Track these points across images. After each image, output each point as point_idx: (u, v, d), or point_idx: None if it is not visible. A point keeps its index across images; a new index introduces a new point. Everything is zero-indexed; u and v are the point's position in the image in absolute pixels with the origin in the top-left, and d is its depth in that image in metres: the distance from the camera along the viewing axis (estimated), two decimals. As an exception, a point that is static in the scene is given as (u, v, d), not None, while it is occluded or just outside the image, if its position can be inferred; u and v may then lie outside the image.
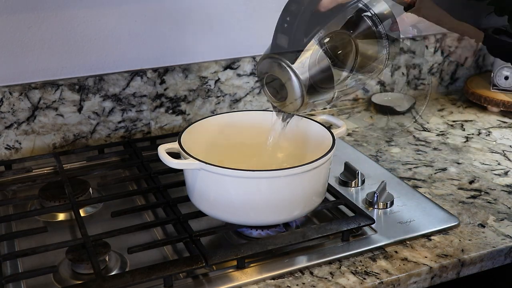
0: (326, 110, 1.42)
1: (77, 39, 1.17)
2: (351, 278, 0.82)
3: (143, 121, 1.25)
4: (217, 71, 1.28)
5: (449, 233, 0.92)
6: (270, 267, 0.84)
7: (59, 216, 0.99)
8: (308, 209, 0.89)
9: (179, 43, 1.25)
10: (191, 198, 0.90)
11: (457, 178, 1.10)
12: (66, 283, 0.82)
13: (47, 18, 1.13)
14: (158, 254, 0.88)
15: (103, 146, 1.19)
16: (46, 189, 1.02)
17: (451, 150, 1.21)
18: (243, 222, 0.88)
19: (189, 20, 1.24)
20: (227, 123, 1.01)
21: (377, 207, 0.98)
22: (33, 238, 0.91)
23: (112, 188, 1.04)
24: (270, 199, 0.84)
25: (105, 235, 0.87)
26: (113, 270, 0.85)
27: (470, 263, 0.88)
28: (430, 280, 0.86)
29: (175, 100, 1.26)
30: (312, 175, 0.85)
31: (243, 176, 0.82)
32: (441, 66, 1.53)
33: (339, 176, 1.07)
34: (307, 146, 0.96)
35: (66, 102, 1.18)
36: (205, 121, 0.98)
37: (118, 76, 1.20)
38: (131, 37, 1.21)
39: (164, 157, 0.84)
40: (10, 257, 0.85)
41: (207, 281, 0.81)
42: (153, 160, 1.07)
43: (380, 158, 1.18)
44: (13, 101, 1.14)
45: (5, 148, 1.16)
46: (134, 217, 0.96)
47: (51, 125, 1.18)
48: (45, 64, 1.16)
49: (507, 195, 1.04)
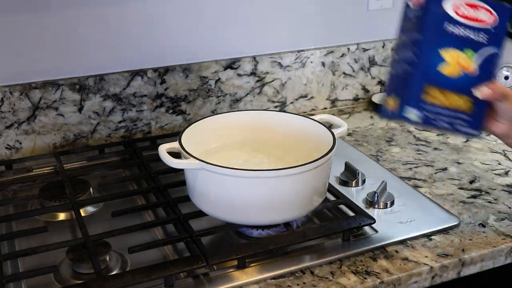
0: (326, 110, 1.42)
1: (78, 39, 1.17)
2: (352, 278, 0.82)
3: (143, 121, 1.25)
4: (217, 71, 1.28)
5: (450, 233, 0.92)
6: (270, 266, 0.84)
7: (59, 216, 0.99)
8: (308, 208, 0.89)
9: (179, 43, 1.25)
10: (192, 198, 0.90)
11: (457, 178, 1.10)
12: (67, 283, 0.82)
13: (47, 18, 1.13)
14: (158, 254, 0.88)
15: (104, 146, 1.19)
16: (47, 189, 1.02)
17: (452, 150, 1.21)
18: (244, 221, 0.88)
19: (189, 20, 1.24)
20: (228, 123, 1.01)
21: (378, 206, 0.98)
22: (33, 238, 0.91)
23: (112, 188, 1.04)
24: (270, 199, 0.84)
25: (106, 235, 0.87)
26: (114, 270, 0.85)
27: (470, 263, 0.88)
28: (431, 279, 0.86)
29: (176, 100, 1.26)
30: (312, 174, 0.85)
31: (243, 176, 0.82)
32: (441, 66, 1.53)
33: (340, 176, 1.07)
34: (307, 146, 0.96)
35: (66, 102, 1.18)
36: (205, 121, 0.98)
37: (119, 76, 1.20)
38: (131, 37, 1.21)
39: (164, 157, 0.84)
40: (11, 256, 0.85)
41: (208, 281, 0.81)
42: (153, 160, 1.07)
43: (381, 158, 1.18)
44: (14, 100, 1.14)
45: (5, 148, 1.16)
46: (135, 217, 0.96)
47: (51, 125, 1.18)
48: (45, 64, 1.16)
49: (507, 195, 1.03)
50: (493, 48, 0.79)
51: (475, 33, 0.78)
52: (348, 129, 1.27)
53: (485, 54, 0.79)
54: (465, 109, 0.80)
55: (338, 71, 1.40)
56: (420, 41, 0.78)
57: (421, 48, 0.78)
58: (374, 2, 1.40)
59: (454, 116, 0.80)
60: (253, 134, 1.01)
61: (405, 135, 1.28)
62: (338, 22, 1.38)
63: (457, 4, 0.78)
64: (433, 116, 0.80)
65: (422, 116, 0.80)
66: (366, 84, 1.45)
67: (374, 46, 1.42)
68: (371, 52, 1.42)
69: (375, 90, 1.47)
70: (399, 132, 1.29)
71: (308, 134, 0.97)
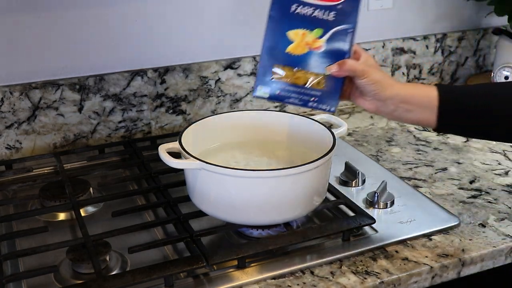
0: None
1: (78, 39, 1.17)
2: (352, 278, 0.82)
3: (143, 120, 1.25)
4: (217, 71, 1.28)
5: (450, 233, 0.92)
6: (270, 266, 0.84)
7: (59, 215, 0.99)
8: (308, 208, 0.89)
9: (179, 43, 1.25)
10: (192, 198, 0.90)
11: (457, 178, 1.10)
12: (67, 283, 0.82)
13: (48, 18, 1.13)
14: (158, 254, 0.88)
15: (104, 146, 1.19)
16: (47, 189, 1.02)
17: (452, 150, 1.21)
18: (244, 221, 0.88)
19: (189, 20, 1.24)
20: (228, 123, 1.01)
21: (378, 206, 0.98)
22: (33, 237, 0.91)
23: (112, 188, 1.04)
24: (270, 199, 0.84)
25: (106, 235, 0.87)
26: (114, 270, 0.85)
27: (470, 263, 0.88)
28: (431, 279, 0.86)
29: (176, 100, 1.26)
30: (312, 174, 0.85)
31: (243, 176, 0.82)
32: (441, 66, 1.53)
33: (340, 176, 1.07)
34: (307, 146, 0.96)
35: (66, 102, 1.18)
36: (205, 121, 0.98)
37: (119, 75, 1.20)
38: (131, 37, 1.21)
39: (164, 157, 0.84)
40: (11, 256, 0.85)
41: (208, 280, 0.81)
42: (153, 159, 1.07)
43: (381, 158, 1.18)
44: (14, 100, 1.14)
45: (5, 147, 1.16)
46: (135, 216, 0.96)
47: (51, 125, 1.18)
48: (45, 64, 1.16)
49: (507, 194, 1.04)
50: (344, 25, 0.80)
51: (323, 11, 0.79)
52: (348, 129, 1.27)
53: (334, 31, 0.80)
54: (316, 86, 0.82)
55: (338, 71, 1.40)
56: (268, 23, 0.82)
57: (268, 30, 0.82)
58: (374, 2, 1.40)
59: (304, 93, 0.82)
60: (253, 134, 1.00)
61: (405, 135, 1.28)
62: (338, 22, 1.38)
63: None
64: (284, 93, 0.83)
65: (272, 94, 0.84)
66: (366, 84, 1.45)
67: (374, 46, 1.42)
68: (371, 52, 1.42)
69: (375, 90, 1.46)
70: (399, 132, 1.29)
71: (308, 134, 0.97)
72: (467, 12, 1.53)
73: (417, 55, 1.48)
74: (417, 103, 0.82)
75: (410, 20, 1.46)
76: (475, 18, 1.55)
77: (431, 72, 1.52)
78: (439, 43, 1.50)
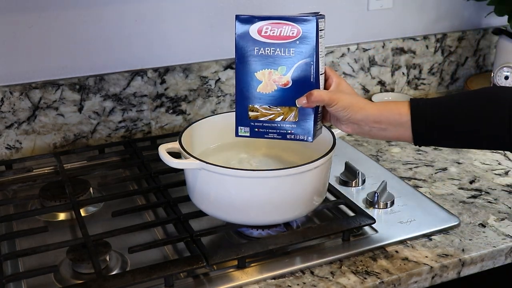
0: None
1: (78, 39, 1.17)
2: (352, 278, 0.82)
3: (143, 120, 1.25)
4: (217, 71, 1.28)
5: (450, 233, 0.92)
6: (270, 266, 0.84)
7: (59, 215, 0.99)
8: (308, 208, 0.89)
9: (179, 43, 1.25)
10: (192, 198, 0.90)
11: (457, 178, 1.10)
12: (67, 283, 0.82)
13: (48, 18, 1.13)
14: (158, 253, 0.88)
15: (104, 146, 1.19)
16: (47, 189, 1.02)
17: (452, 150, 1.21)
18: (244, 221, 0.88)
19: (189, 20, 1.24)
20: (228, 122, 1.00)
21: (378, 206, 0.98)
22: (33, 237, 0.91)
23: (112, 187, 1.04)
24: (270, 199, 0.84)
25: (106, 235, 0.87)
26: (114, 269, 0.85)
27: (470, 263, 0.88)
28: (431, 279, 0.86)
29: (176, 100, 1.26)
30: (312, 174, 0.85)
31: (243, 176, 0.82)
32: (441, 66, 1.53)
33: (340, 176, 1.07)
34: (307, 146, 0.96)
35: (66, 102, 1.18)
36: (205, 121, 0.98)
37: (119, 75, 1.20)
38: (131, 37, 1.21)
39: (164, 157, 0.84)
40: (11, 256, 0.85)
41: (208, 280, 0.81)
42: (153, 159, 1.07)
43: (381, 158, 1.18)
44: (14, 100, 1.14)
45: (5, 147, 1.17)
46: (135, 216, 0.96)
47: (51, 125, 1.18)
48: (45, 64, 1.16)
49: (507, 195, 1.04)
50: (305, 59, 0.83)
51: (283, 49, 0.83)
52: (348, 129, 1.27)
53: (296, 66, 0.83)
54: (290, 119, 0.85)
55: (338, 71, 1.40)
56: (236, 67, 0.86)
57: (237, 74, 0.86)
58: (374, 2, 1.40)
59: (280, 127, 0.86)
60: (253, 134, 1.00)
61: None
62: (338, 22, 1.38)
63: (262, 27, 0.84)
64: (263, 130, 0.87)
65: (252, 133, 0.88)
66: (366, 84, 1.45)
67: (374, 46, 1.42)
68: (371, 52, 1.42)
69: (375, 90, 1.47)
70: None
71: (308, 134, 0.97)
72: (467, 12, 1.53)
73: (417, 55, 1.48)
74: (389, 122, 0.83)
75: (410, 20, 1.46)
76: (475, 18, 1.55)
77: (431, 72, 1.52)
78: (439, 43, 1.50)
